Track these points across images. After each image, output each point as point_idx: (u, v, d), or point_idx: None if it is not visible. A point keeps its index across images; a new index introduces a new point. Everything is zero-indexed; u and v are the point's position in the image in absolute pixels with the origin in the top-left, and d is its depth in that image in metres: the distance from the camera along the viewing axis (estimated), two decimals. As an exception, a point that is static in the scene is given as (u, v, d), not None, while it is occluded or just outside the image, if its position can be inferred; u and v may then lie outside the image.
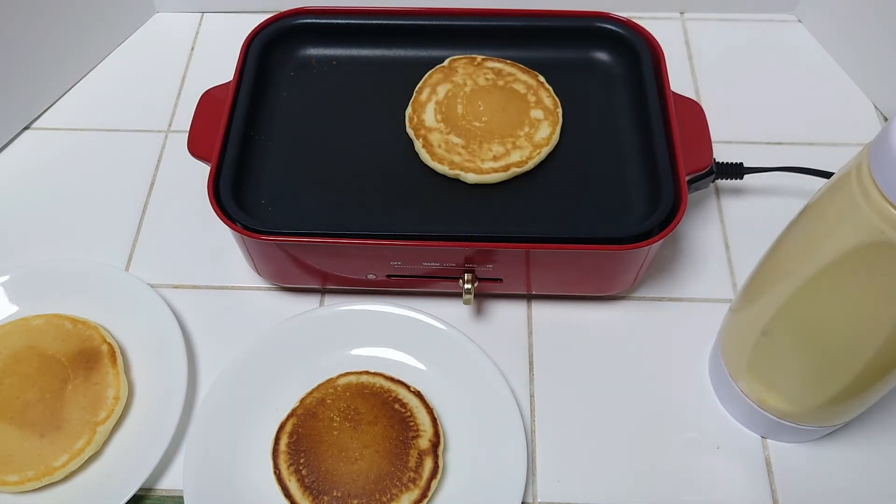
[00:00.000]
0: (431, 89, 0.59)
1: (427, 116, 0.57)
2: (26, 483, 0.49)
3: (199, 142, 0.56)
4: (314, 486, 0.49)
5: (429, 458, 0.50)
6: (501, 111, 0.58)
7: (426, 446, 0.50)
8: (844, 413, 0.48)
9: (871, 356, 0.40)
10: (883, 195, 0.34)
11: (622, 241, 0.50)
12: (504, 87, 0.59)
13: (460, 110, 0.58)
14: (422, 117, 0.57)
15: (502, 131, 0.57)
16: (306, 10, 0.62)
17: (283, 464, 0.50)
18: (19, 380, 0.53)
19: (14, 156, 0.69)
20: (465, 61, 0.61)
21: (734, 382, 0.51)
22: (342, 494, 0.49)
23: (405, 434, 0.51)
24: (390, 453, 0.50)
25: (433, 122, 0.57)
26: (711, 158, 0.55)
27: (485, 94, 0.59)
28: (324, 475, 0.49)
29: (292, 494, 0.49)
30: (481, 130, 0.57)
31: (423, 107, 0.58)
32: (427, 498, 0.49)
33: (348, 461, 0.50)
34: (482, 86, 0.59)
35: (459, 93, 0.59)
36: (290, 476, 0.50)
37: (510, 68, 0.60)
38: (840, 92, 0.71)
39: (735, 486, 0.51)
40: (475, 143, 0.56)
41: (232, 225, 0.52)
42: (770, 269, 0.45)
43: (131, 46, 0.76)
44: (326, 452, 0.50)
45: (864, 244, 0.36)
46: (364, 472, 0.49)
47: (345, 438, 0.50)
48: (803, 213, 0.42)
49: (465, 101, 0.58)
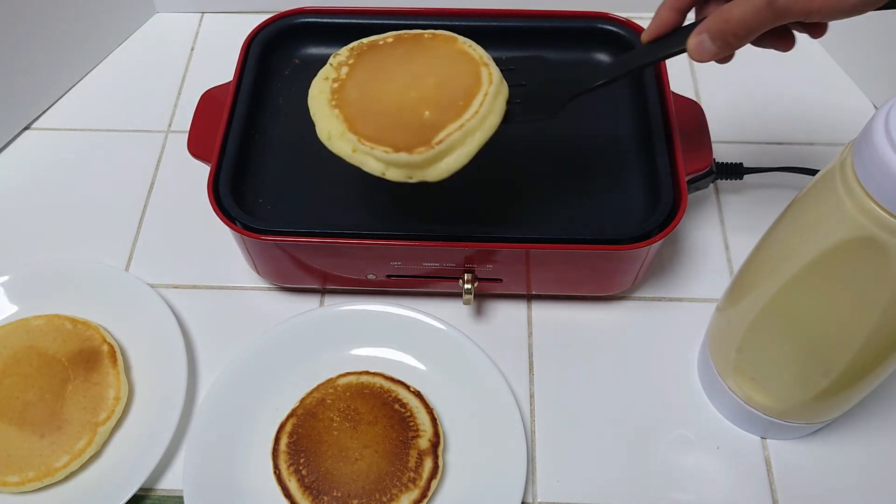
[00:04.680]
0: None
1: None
2: (27, 483, 0.49)
3: (199, 142, 0.56)
4: (314, 486, 0.49)
5: (429, 458, 0.50)
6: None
7: (426, 446, 0.50)
8: (831, 409, 0.48)
9: (855, 352, 0.40)
10: (866, 192, 0.34)
11: (622, 242, 0.50)
12: None
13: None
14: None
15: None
16: (306, 10, 0.62)
17: (283, 464, 0.50)
18: (20, 380, 0.53)
19: (14, 156, 0.69)
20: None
21: (722, 381, 0.51)
22: (342, 494, 0.48)
23: (405, 434, 0.50)
24: (390, 453, 0.50)
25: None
26: (711, 158, 0.55)
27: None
28: (324, 475, 0.49)
29: (292, 494, 0.49)
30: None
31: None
32: (427, 498, 0.49)
33: (348, 461, 0.50)
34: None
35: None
36: (290, 476, 0.49)
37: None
38: (840, 92, 0.71)
39: (735, 485, 0.51)
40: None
41: (232, 225, 0.52)
42: (756, 266, 0.45)
43: (131, 46, 0.76)
44: (326, 452, 0.50)
45: (847, 241, 0.36)
46: (364, 472, 0.49)
47: (345, 438, 0.50)
48: (788, 211, 0.42)
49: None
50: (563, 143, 0.58)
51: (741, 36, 0.40)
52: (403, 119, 0.45)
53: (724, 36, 0.40)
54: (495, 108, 0.45)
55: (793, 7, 0.37)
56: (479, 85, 0.45)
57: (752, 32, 0.39)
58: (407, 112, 0.45)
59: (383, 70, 0.47)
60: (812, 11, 0.37)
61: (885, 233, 0.34)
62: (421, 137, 0.43)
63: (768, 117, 0.69)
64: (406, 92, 0.46)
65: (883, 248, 0.35)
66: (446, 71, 0.46)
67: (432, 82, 0.46)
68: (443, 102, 0.45)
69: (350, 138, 0.44)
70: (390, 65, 0.47)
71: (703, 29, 0.41)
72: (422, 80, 0.46)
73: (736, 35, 0.40)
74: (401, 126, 0.44)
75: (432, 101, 0.45)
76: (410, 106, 0.45)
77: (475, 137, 0.44)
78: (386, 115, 0.45)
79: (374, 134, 0.44)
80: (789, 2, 0.37)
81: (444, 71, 0.46)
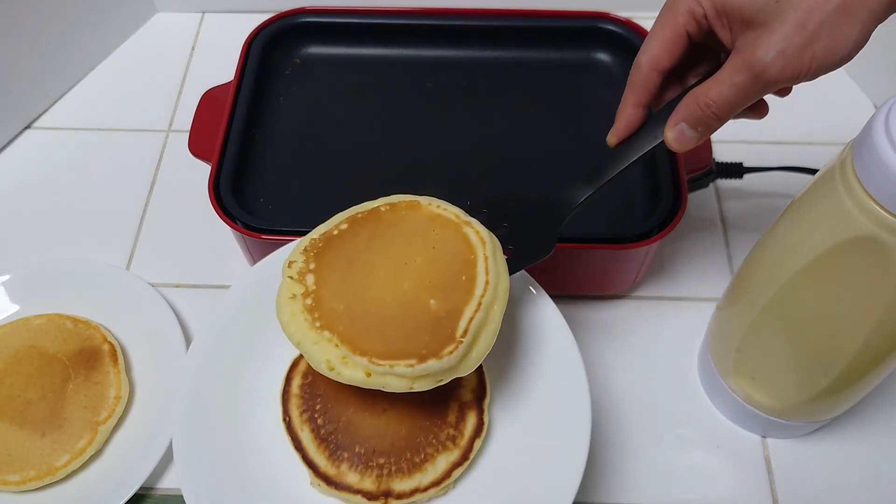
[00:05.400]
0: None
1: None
2: (28, 482, 0.49)
3: (200, 141, 0.56)
4: (331, 438, 0.40)
5: (472, 412, 0.41)
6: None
7: (469, 398, 0.41)
8: (831, 408, 0.48)
9: (855, 352, 0.40)
10: (866, 191, 0.34)
11: (622, 241, 0.50)
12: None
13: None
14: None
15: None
16: (307, 9, 0.62)
17: (295, 410, 0.41)
18: (20, 379, 0.53)
19: (14, 156, 0.69)
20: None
21: (722, 380, 0.51)
22: (365, 452, 0.40)
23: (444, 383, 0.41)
24: (425, 404, 0.40)
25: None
26: (711, 158, 0.55)
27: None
28: (344, 427, 0.40)
29: (304, 447, 0.40)
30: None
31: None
32: (468, 461, 0.40)
33: (375, 411, 0.41)
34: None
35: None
36: (303, 425, 0.41)
37: None
38: (840, 92, 0.71)
39: (735, 484, 0.51)
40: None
41: (232, 224, 0.52)
42: (756, 265, 0.45)
43: (132, 46, 0.77)
44: (349, 399, 0.41)
45: (847, 240, 0.36)
46: (393, 426, 0.40)
47: None
48: (788, 210, 0.42)
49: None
50: (563, 142, 0.58)
51: (724, 117, 0.37)
52: (410, 318, 0.37)
53: (705, 121, 0.37)
54: (500, 269, 0.39)
55: (783, 75, 0.34)
56: (473, 249, 0.39)
57: (736, 110, 0.37)
58: (410, 308, 0.38)
59: (356, 266, 0.39)
60: (801, 75, 0.34)
61: (886, 232, 0.34)
62: (441, 334, 0.37)
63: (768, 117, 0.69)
64: (397, 284, 0.38)
65: (883, 247, 0.35)
66: (428, 244, 0.40)
67: (420, 262, 0.39)
68: (444, 283, 0.38)
69: (358, 361, 0.36)
70: (360, 257, 0.40)
71: (679, 119, 0.38)
72: (407, 264, 0.39)
73: (719, 118, 0.37)
74: (411, 328, 0.37)
75: (432, 286, 0.38)
76: (411, 300, 0.38)
77: (495, 311, 0.38)
78: (388, 320, 0.37)
79: (386, 348, 0.36)
80: (779, 71, 0.34)
81: (426, 245, 0.40)
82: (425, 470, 0.40)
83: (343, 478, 0.40)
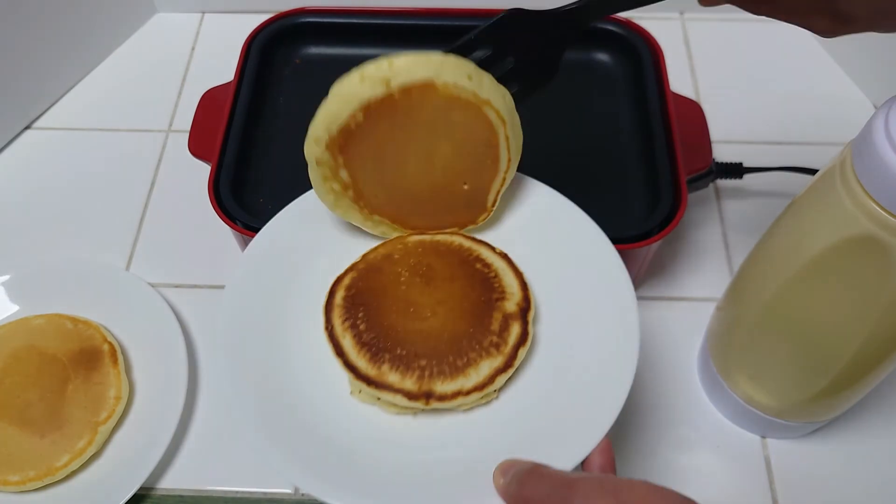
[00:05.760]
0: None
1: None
2: (28, 483, 0.49)
3: (200, 141, 0.56)
4: (373, 343, 0.40)
5: (516, 323, 0.40)
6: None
7: (514, 310, 0.41)
8: (830, 409, 0.48)
9: (855, 352, 0.40)
10: (866, 192, 0.34)
11: (621, 241, 0.50)
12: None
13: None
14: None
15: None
16: (307, 9, 0.62)
17: (338, 319, 0.41)
18: (20, 379, 0.53)
19: (14, 156, 0.69)
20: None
21: (722, 380, 0.51)
22: (407, 353, 0.39)
23: (488, 295, 0.41)
24: (469, 313, 0.40)
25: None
26: (711, 158, 0.55)
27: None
28: (386, 331, 0.40)
29: (346, 352, 0.40)
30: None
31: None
32: (512, 368, 0.39)
33: (418, 318, 0.41)
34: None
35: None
36: (345, 332, 0.41)
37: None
38: (840, 92, 0.71)
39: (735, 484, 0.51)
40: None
41: (232, 224, 0.52)
42: (756, 265, 0.45)
43: (132, 46, 0.77)
44: (391, 307, 0.41)
45: (847, 240, 0.36)
46: (436, 331, 0.40)
47: (414, 294, 0.41)
48: (788, 211, 0.42)
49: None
50: (563, 142, 0.58)
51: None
52: (446, 199, 0.44)
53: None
54: (517, 135, 0.43)
55: None
56: (495, 131, 0.41)
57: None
58: (445, 191, 0.44)
59: (385, 159, 0.42)
60: None
61: (885, 232, 0.34)
62: (475, 207, 0.45)
63: (768, 117, 0.69)
64: (429, 174, 0.43)
65: (883, 247, 0.35)
66: (451, 130, 0.41)
67: (446, 151, 0.42)
68: (472, 167, 0.43)
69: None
70: (387, 149, 0.42)
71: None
72: (434, 154, 0.42)
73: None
74: (449, 206, 0.44)
75: (463, 172, 0.43)
76: (445, 185, 0.43)
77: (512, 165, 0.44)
78: (427, 203, 0.44)
79: (431, 223, 0.45)
80: None
81: (450, 131, 0.41)
82: (468, 374, 0.39)
83: (384, 377, 0.39)
